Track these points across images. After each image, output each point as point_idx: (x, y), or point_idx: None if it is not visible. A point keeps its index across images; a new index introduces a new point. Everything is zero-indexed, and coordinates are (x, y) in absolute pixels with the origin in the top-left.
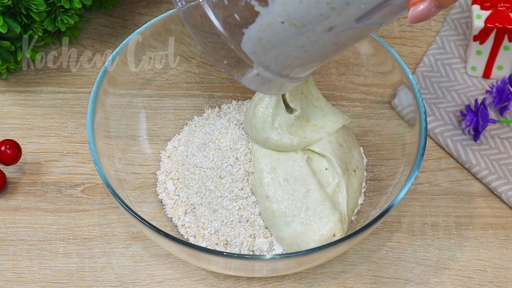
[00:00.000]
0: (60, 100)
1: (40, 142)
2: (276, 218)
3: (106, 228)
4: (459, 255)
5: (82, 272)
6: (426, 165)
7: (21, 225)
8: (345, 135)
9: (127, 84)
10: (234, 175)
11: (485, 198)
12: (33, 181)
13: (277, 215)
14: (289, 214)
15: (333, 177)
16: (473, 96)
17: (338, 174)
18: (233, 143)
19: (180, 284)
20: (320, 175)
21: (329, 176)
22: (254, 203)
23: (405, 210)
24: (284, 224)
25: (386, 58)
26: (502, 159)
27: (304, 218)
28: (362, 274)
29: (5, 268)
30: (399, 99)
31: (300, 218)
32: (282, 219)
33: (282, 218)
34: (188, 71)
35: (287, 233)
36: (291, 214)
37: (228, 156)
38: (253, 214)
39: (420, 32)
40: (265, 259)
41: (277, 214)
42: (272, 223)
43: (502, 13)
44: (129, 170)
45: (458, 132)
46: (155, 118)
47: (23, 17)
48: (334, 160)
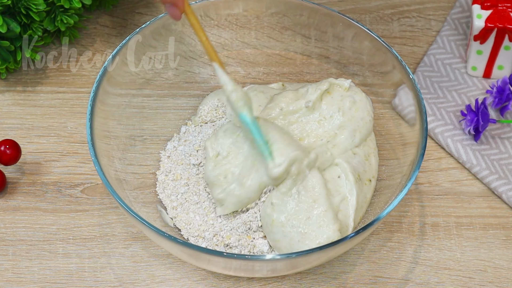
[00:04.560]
0: (59, 100)
1: (39, 142)
2: (273, 227)
3: (106, 228)
4: (459, 255)
5: (82, 272)
6: (426, 165)
7: (21, 225)
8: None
9: (127, 84)
10: None
11: (485, 198)
12: (32, 181)
13: (275, 224)
14: (287, 225)
15: (345, 185)
16: (473, 96)
17: (350, 181)
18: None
19: (180, 284)
20: (332, 183)
21: (341, 185)
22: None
23: (406, 210)
24: (280, 234)
25: (387, 58)
26: (503, 159)
27: (303, 228)
28: (362, 274)
29: (4, 268)
30: (399, 99)
31: (298, 228)
32: (279, 229)
33: (279, 228)
34: (188, 71)
35: (283, 244)
36: (289, 225)
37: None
38: (255, 216)
39: (420, 32)
40: (265, 259)
41: (275, 224)
42: (269, 231)
43: (502, 12)
44: (128, 170)
45: (458, 132)
46: (154, 118)
47: (23, 16)
48: (347, 167)
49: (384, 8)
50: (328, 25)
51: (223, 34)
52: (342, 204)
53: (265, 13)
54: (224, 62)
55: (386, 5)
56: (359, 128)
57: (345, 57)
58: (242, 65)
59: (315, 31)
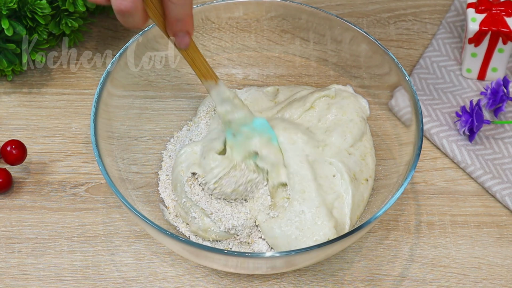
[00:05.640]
0: (64, 101)
1: (45, 142)
2: (270, 223)
3: (110, 226)
4: (454, 253)
5: (86, 269)
6: (422, 165)
7: (27, 223)
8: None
9: (130, 86)
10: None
11: (479, 197)
12: (38, 180)
13: (272, 220)
14: (284, 217)
15: (341, 184)
16: (468, 97)
17: (345, 180)
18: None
19: (182, 281)
20: (325, 180)
21: (336, 184)
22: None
23: (402, 209)
24: (278, 229)
25: (384, 61)
26: (497, 159)
27: (299, 222)
28: (359, 271)
29: (10, 265)
30: (396, 101)
31: (295, 223)
32: (276, 224)
33: (276, 223)
34: (189, 73)
35: (281, 241)
36: (286, 218)
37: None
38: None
39: (416, 35)
40: (265, 257)
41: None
42: (267, 228)
43: (496, 16)
44: (131, 170)
45: (453, 132)
46: (157, 119)
47: (28, 20)
48: (342, 167)
49: (381, 12)
50: (326, 28)
51: (224, 37)
52: (337, 202)
53: (264, 17)
54: (224, 64)
55: (383, 9)
56: (348, 129)
57: (343, 59)
58: (242, 67)
59: (314, 34)
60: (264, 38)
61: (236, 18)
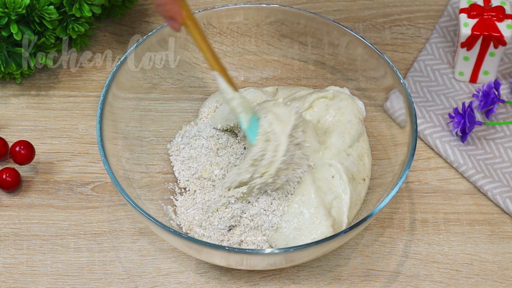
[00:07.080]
0: (71, 103)
1: (52, 143)
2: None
3: (115, 224)
4: (447, 249)
5: (92, 265)
6: (416, 165)
7: (35, 221)
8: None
9: (135, 88)
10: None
11: (472, 195)
12: (46, 179)
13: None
14: (282, 221)
15: (339, 185)
16: (460, 99)
17: (344, 181)
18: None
19: (185, 276)
20: (325, 182)
21: (335, 184)
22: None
23: (397, 207)
24: (277, 232)
25: (379, 64)
26: (488, 159)
27: (297, 223)
28: (356, 267)
29: (19, 261)
30: (391, 103)
31: (293, 224)
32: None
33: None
34: (192, 76)
35: (280, 241)
36: (284, 220)
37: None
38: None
39: (410, 39)
40: (264, 253)
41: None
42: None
43: (488, 21)
44: (136, 169)
45: (446, 133)
46: (160, 120)
47: (36, 25)
48: (341, 168)
49: (376, 17)
50: (323, 33)
51: (225, 41)
52: (335, 201)
53: (264, 22)
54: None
55: (378, 14)
56: (347, 129)
57: (340, 63)
58: (242, 70)
59: (312, 38)
60: (264, 42)
61: (236, 23)
